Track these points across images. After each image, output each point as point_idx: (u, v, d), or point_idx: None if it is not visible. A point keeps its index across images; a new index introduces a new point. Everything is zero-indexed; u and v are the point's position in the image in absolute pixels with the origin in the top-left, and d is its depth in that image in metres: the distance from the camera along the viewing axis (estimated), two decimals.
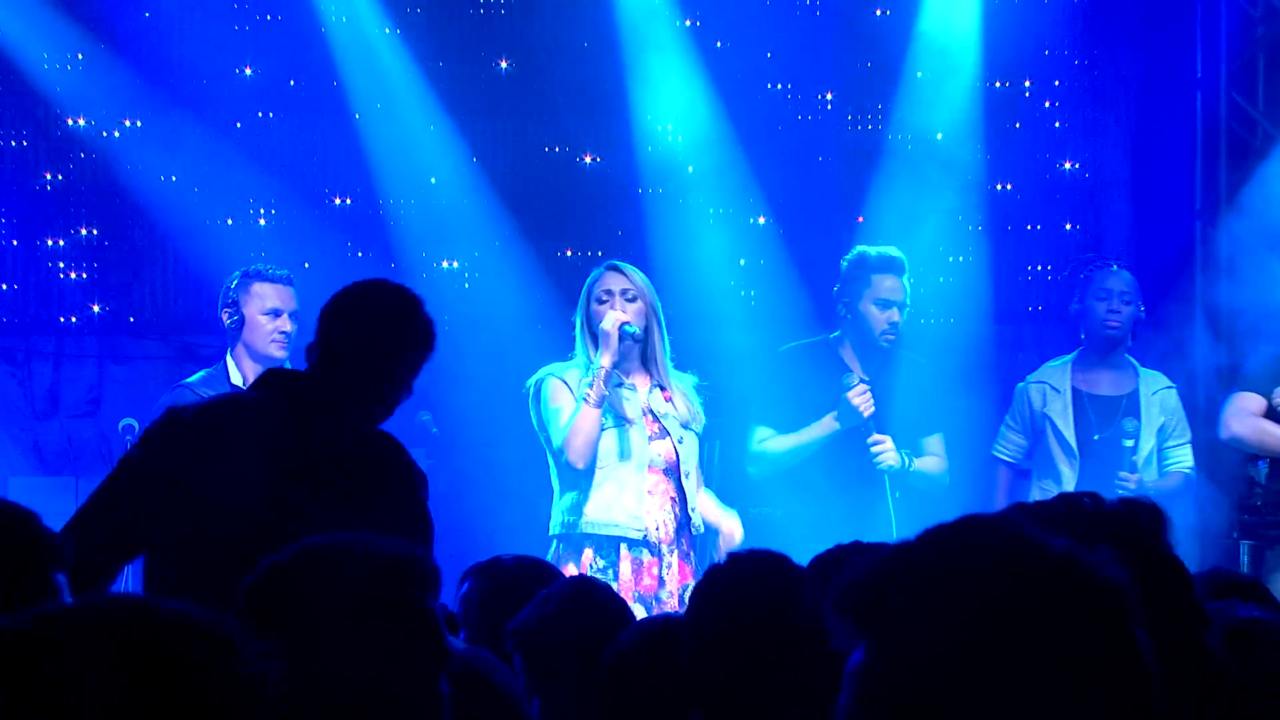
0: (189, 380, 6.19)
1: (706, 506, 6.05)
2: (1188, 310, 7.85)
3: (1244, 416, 6.62)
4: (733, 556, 2.90)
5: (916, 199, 8.19)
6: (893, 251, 6.59)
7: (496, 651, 3.42)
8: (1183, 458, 6.80)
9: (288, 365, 6.07)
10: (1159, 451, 6.77)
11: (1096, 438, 6.72)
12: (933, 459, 6.61)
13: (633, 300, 5.93)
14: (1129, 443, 6.62)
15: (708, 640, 2.77)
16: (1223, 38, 8.05)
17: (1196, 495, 6.91)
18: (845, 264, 6.64)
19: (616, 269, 6.00)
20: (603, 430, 5.87)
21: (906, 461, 6.46)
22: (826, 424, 6.45)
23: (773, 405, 6.60)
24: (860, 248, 6.67)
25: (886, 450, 6.42)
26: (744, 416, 6.67)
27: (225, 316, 6.21)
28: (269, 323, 6.15)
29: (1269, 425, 6.60)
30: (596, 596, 3.64)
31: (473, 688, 2.48)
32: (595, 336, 5.94)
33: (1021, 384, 6.96)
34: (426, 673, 2.38)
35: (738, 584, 2.81)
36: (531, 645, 3.45)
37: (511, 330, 8.15)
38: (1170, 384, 6.90)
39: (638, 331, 5.90)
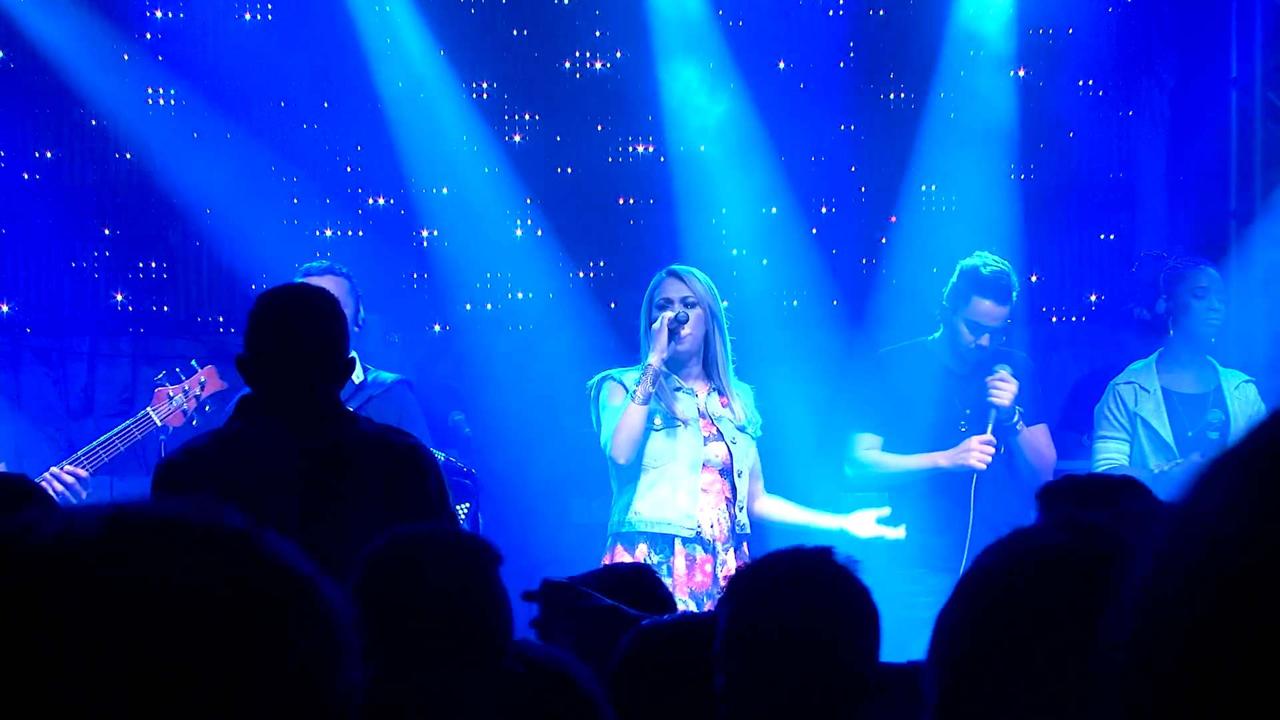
0: None
1: (782, 509, 6.16)
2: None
3: None
4: (773, 553, 2.89)
5: (949, 198, 8.18)
6: (1005, 271, 6.39)
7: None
8: None
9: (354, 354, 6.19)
10: None
11: (1190, 434, 6.65)
12: (1039, 442, 6.55)
13: (692, 306, 6.00)
14: (1214, 435, 6.57)
15: (741, 638, 2.75)
16: (1258, 37, 8.00)
17: None
18: (958, 270, 6.46)
19: (677, 275, 6.07)
20: (658, 430, 5.95)
21: (1017, 415, 6.41)
22: (942, 458, 6.34)
23: (873, 410, 6.52)
24: (977, 259, 6.43)
25: (1006, 389, 6.34)
26: (843, 419, 6.61)
27: None
28: None
29: None
30: (656, 590, 3.70)
31: (544, 685, 2.49)
32: None
33: (1105, 395, 6.87)
34: (482, 662, 2.38)
35: (778, 582, 2.78)
36: (554, 602, 3.50)
37: (543, 331, 8.15)
38: (1250, 378, 6.82)
39: (680, 313, 5.93)
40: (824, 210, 8.34)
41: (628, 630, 3.23)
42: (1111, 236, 8.54)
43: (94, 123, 8.16)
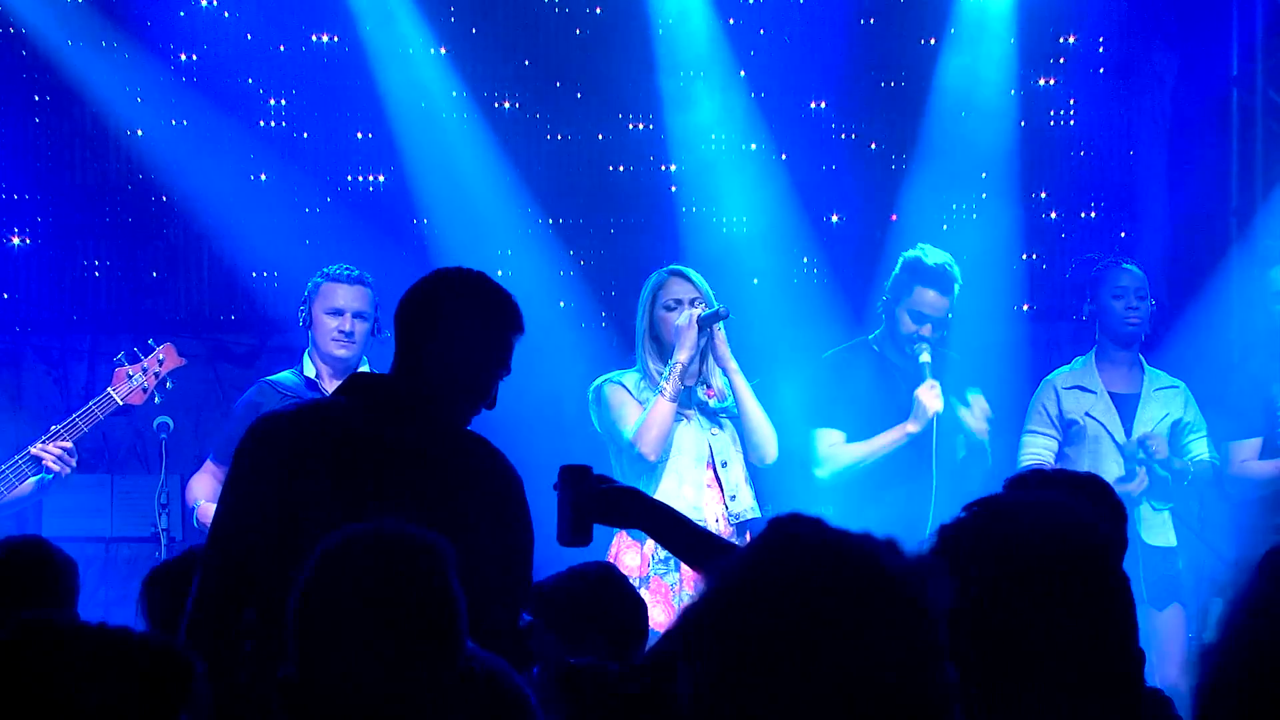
0: (272, 378, 6.48)
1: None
2: (1223, 309, 7.81)
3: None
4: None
5: (949, 198, 8.18)
6: (947, 263, 6.50)
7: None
8: (1200, 450, 6.77)
9: (365, 366, 6.24)
10: (1179, 447, 6.75)
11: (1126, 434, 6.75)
12: (972, 417, 6.58)
13: (698, 306, 6.05)
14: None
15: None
16: (1259, 35, 8.00)
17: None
18: (901, 261, 6.59)
19: (682, 275, 6.08)
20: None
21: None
22: (901, 431, 6.41)
23: (831, 408, 6.58)
24: (919, 250, 6.56)
25: (931, 397, 6.38)
26: (803, 420, 6.64)
27: (300, 315, 6.46)
28: (330, 321, 6.35)
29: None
30: (624, 587, 3.73)
31: (484, 691, 2.48)
32: (657, 341, 6.02)
33: (1040, 389, 6.92)
34: (438, 659, 2.37)
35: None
36: (556, 617, 3.52)
37: (545, 332, 8.13)
38: (1175, 383, 6.90)
39: (720, 308, 5.95)
40: (824, 211, 8.32)
41: (651, 514, 3.21)
42: (1123, 234, 8.52)
43: (94, 121, 8.16)
